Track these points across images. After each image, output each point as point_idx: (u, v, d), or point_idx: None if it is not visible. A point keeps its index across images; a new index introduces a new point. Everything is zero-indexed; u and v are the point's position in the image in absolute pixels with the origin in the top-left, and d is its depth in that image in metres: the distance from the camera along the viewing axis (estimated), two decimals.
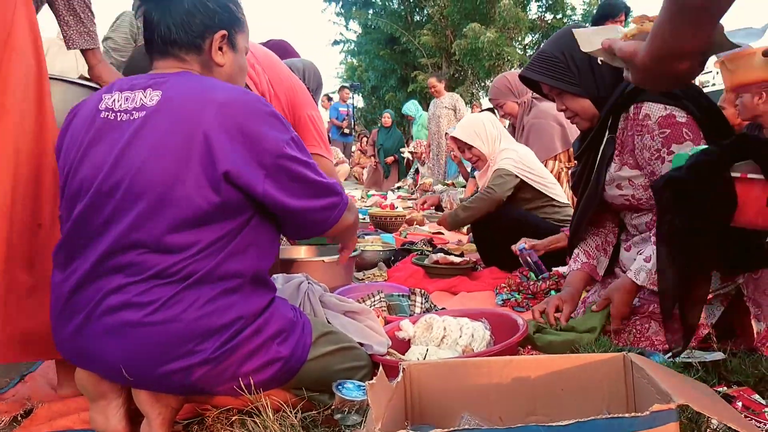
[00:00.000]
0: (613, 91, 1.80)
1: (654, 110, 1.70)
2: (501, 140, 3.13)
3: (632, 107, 1.74)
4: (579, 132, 2.02)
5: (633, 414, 0.76)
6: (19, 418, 1.44)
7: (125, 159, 1.17)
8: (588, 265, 2.02)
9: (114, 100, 1.24)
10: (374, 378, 0.91)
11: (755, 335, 1.64)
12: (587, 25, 4.69)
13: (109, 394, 1.30)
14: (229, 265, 1.20)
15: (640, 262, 1.74)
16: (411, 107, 9.92)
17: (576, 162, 2.06)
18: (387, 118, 9.86)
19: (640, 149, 1.76)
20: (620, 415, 0.76)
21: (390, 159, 9.60)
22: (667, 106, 1.68)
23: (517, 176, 2.92)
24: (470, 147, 3.15)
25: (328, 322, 1.57)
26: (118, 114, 1.22)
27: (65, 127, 1.31)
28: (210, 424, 1.30)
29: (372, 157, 10.11)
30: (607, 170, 1.87)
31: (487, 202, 2.93)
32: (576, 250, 2.07)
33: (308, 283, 1.67)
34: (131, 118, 1.20)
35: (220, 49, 1.33)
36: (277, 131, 1.20)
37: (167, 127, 1.17)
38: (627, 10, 4.33)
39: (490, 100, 3.93)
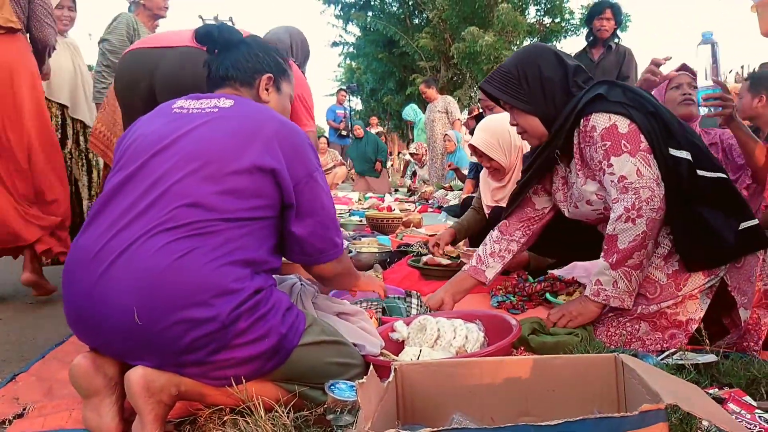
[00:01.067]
0: (563, 111, 1.85)
1: (599, 121, 1.74)
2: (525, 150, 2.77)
3: (582, 120, 1.78)
4: None
5: (622, 414, 0.76)
6: (11, 418, 1.43)
7: (192, 133, 1.37)
8: (475, 269, 2.19)
9: (187, 104, 1.46)
10: (365, 378, 0.91)
11: (743, 323, 1.66)
12: (584, 30, 4.78)
13: (102, 391, 1.30)
14: (249, 242, 1.32)
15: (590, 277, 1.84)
16: (410, 112, 9.99)
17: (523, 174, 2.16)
18: (358, 129, 10.02)
19: (590, 160, 1.81)
20: (609, 414, 0.76)
21: (378, 166, 9.69)
22: (612, 116, 1.73)
23: None
24: (490, 159, 2.82)
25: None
26: (191, 110, 1.44)
27: (133, 125, 1.51)
28: (202, 423, 1.29)
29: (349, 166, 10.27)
30: (574, 185, 1.93)
31: None
32: (478, 251, 2.23)
33: (301, 284, 1.67)
34: (204, 111, 1.42)
35: (267, 89, 1.61)
36: (313, 158, 1.45)
37: (237, 121, 1.39)
38: (612, 6, 4.48)
39: (479, 100, 3.83)
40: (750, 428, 1.14)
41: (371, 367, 1.00)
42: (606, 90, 1.77)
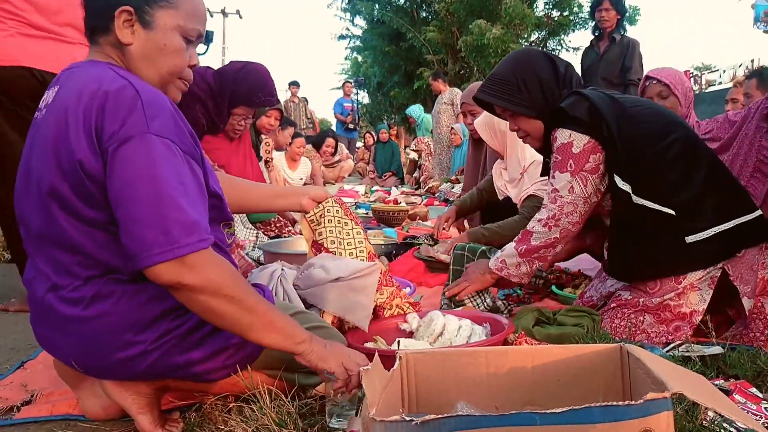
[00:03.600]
0: None
1: (561, 136, 1.80)
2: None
3: (552, 131, 1.84)
4: None
5: (627, 402, 0.76)
6: (20, 404, 1.45)
7: (27, 156, 1.23)
8: None
9: (42, 100, 1.26)
10: (369, 365, 0.91)
11: (747, 313, 1.66)
12: (592, 23, 4.76)
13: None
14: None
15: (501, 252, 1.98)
16: (416, 110, 10.07)
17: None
18: (383, 133, 10.08)
19: None
20: (614, 402, 0.76)
21: (388, 174, 9.75)
22: (573, 133, 1.78)
23: None
24: (483, 141, 2.98)
25: (308, 303, 1.57)
26: (38, 113, 1.24)
27: None
28: (208, 410, 1.30)
29: (371, 172, 10.31)
30: None
31: (521, 227, 2.68)
32: None
33: (281, 269, 1.66)
34: (39, 115, 1.23)
35: (131, 27, 1.22)
36: (128, 124, 1.08)
37: (48, 122, 1.17)
38: None
39: (462, 104, 3.64)
40: (756, 419, 1.13)
41: (376, 354, 1.00)
42: (570, 104, 1.80)
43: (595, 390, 1.03)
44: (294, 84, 11.68)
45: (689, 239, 1.70)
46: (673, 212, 1.71)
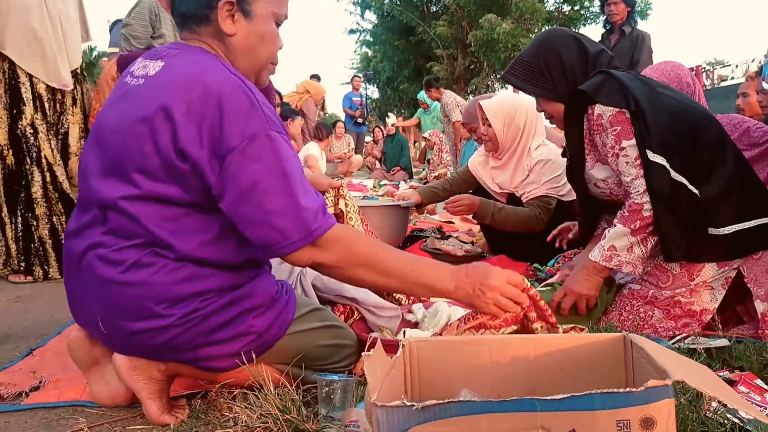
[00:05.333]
0: None
1: (605, 110, 1.74)
2: (530, 136, 2.79)
3: (588, 108, 1.78)
4: None
5: (628, 389, 0.76)
6: (28, 390, 1.46)
7: (111, 118, 1.24)
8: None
9: (138, 67, 1.27)
10: (371, 351, 0.92)
11: (759, 315, 1.64)
12: (603, 17, 4.76)
13: (101, 359, 1.33)
14: (201, 251, 1.20)
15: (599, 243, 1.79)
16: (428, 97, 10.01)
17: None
18: (390, 126, 10.06)
19: (602, 147, 1.80)
20: (615, 389, 0.76)
21: (396, 168, 9.72)
22: (614, 107, 1.72)
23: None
24: (489, 124, 2.81)
25: (323, 301, 1.59)
26: (132, 79, 1.26)
27: None
28: (213, 398, 1.31)
29: (378, 161, 10.28)
30: (585, 168, 1.91)
31: (530, 222, 2.67)
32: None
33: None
34: (136, 83, 1.24)
35: (232, 18, 1.26)
36: (248, 124, 1.14)
37: (144, 96, 1.19)
38: None
39: (463, 124, 3.60)
40: (760, 410, 1.13)
41: (378, 342, 1.01)
42: (596, 84, 1.75)
43: (597, 380, 1.02)
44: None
45: (710, 231, 1.67)
46: (698, 194, 1.67)
